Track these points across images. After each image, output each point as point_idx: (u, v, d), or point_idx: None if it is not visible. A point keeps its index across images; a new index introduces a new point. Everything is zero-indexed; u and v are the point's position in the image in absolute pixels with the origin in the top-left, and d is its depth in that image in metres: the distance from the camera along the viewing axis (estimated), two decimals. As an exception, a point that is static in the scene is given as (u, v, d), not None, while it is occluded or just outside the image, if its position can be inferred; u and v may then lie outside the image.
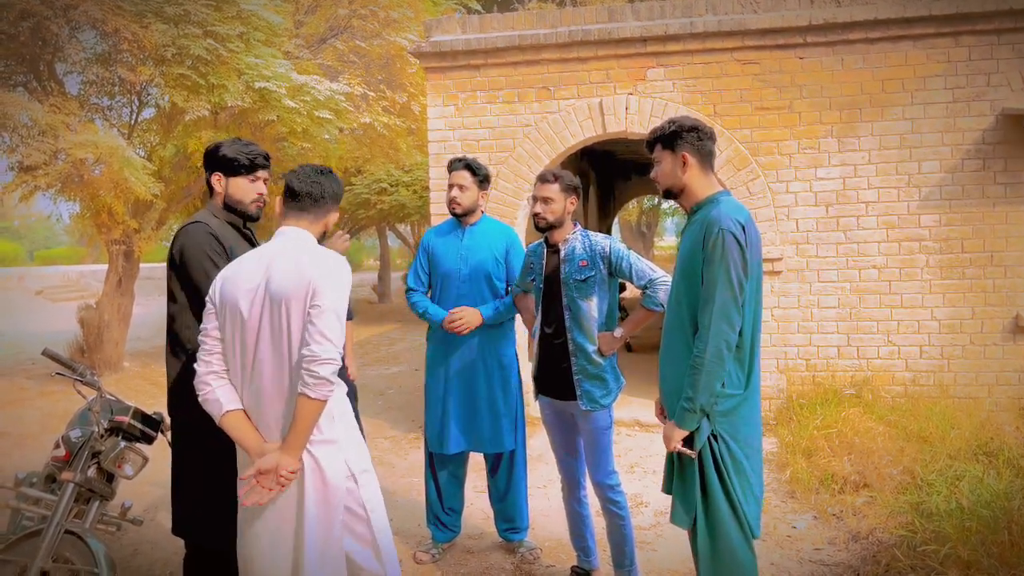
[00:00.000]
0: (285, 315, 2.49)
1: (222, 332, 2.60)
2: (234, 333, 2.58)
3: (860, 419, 5.79)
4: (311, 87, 9.65)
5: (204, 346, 2.61)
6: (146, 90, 10.11)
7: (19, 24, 8.68)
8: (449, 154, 7.42)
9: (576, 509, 3.85)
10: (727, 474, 2.71)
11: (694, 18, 6.91)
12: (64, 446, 3.37)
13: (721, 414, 2.71)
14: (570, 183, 3.63)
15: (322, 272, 2.50)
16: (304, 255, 2.55)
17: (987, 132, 6.55)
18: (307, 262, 2.52)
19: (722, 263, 2.63)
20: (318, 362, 2.41)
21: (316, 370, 2.41)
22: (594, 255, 3.54)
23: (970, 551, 3.57)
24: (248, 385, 2.59)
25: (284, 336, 2.51)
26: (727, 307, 2.64)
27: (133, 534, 4.58)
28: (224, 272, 2.64)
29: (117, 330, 10.44)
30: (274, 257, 2.57)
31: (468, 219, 4.26)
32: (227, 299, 2.58)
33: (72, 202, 10.01)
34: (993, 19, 6.45)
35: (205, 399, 2.58)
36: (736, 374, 2.72)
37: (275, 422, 2.58)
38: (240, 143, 3.10)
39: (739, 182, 6.92)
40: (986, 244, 6.58)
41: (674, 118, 2.89)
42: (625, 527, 3.63)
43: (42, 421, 7.84)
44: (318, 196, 2.70)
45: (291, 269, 2.51)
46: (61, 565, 3.02)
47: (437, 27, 7.50)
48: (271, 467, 2.48)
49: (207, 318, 2.62)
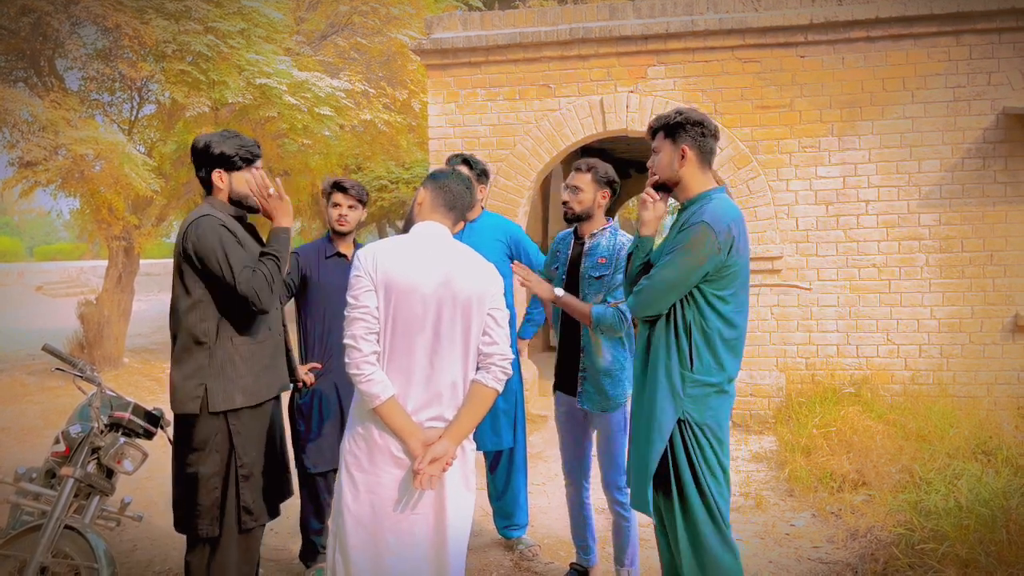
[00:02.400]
0: (464, 313, 2.58)
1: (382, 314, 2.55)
2: (396, 318, 2.54)
3: (859, 418, 5.79)
4: (312, 84, 9.64)
5: (365, 324, 2.52)
6: (147, 86, 10.10)
7: (20, 19, 8.67)
8: (450, 151, 7.42)
9: (579, 508, 3.83)
10: (697, 463, 2.69)
11: (695, 16, 6.91)
12: (64, 441, 3.37)
13: (690, 398, 2.69)
14: (604, 176, 3.55)
15: (497, 278, 2.69)
16: (475, 259, 2.69)
17: (987, 131, 6.55)
18: (483, 266, 2.67)
19: (690, 250, 2.63)
20: (508, 359, 2.63)
21: (505, 365, 2.62)
22: (614, 254, 3.47)
23: (968, 549, 3.58)
24: (400, 372, 2.56)
25: (459, 331, 2.58)
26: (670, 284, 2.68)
27: (132, 530, 4.59)
28: (391, 254, 2.58)
29: (117, 326, 10.43)
30: (454, 254, 2.63)
31: (468, 215, 4.24)
32: (398, 284, 2.53)
33: (72, 198, 10.00)
34: (994, 18, 6.45)
35: (371, 379, 2.49)
36: (710, 360, 2.71)
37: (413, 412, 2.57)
38: (230, 138, 3.07)
39: (739, 180, 6.92)
40: (986, 243, 6.58)
41: (682, 109, 2.84)
42: (629, 528, 3.62)
43: (42, 416, 7.84)
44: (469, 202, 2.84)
45: (477, 272, 2.63)
46: (61, 560, 3.02)
47: (438, 24, 7.50)
48: (443, 454, 2.51)
49: (366, 296, 2.53)
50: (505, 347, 2.65)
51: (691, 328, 2.70)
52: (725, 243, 2.63)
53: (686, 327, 2.71)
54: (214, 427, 2.93)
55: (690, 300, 2.70)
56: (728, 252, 2.64)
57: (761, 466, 5.79)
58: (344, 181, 3.94)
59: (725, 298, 2.70)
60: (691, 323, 2.70)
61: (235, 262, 2.89)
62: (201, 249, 2.90)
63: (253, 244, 3.10)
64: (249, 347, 3.00)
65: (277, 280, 2.95)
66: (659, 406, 2.71)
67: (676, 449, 2.71)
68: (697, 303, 2.70)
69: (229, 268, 2.88)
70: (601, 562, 3.98)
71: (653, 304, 2.73)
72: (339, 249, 3.97)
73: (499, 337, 2.65)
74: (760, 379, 6.88)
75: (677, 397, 2.69)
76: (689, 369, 2.70)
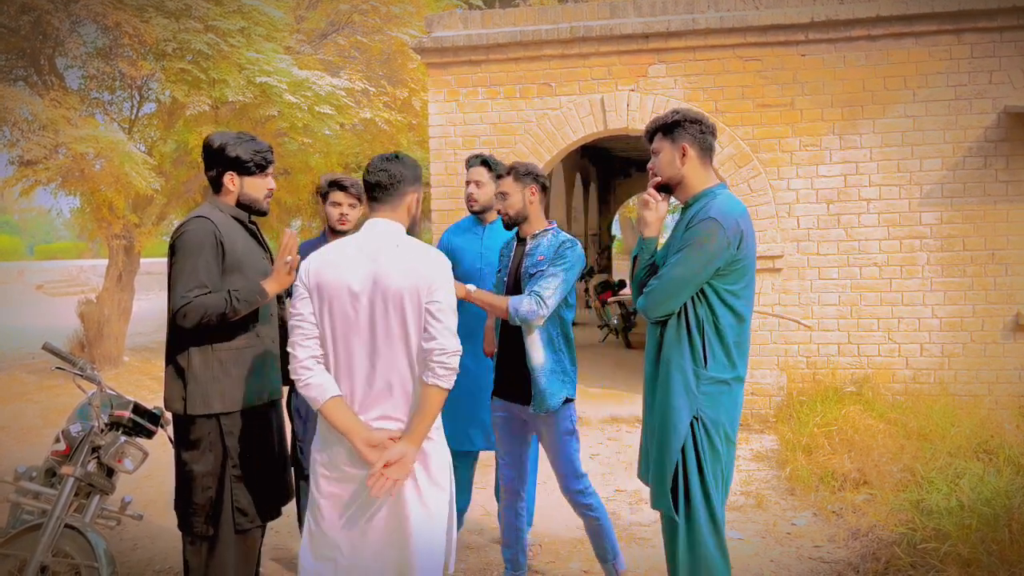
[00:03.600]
0: (398, 309, 2.52)
1: (319, 318, 2.57)
2: (333, 321, 2.55)
3: (860, 416, 5.78)
4: (312, 82, 9.63)
5: (301, 330, 2.57)
6: (147, 85, 10.10)
7: (20, 18, 8.68)
8: (450, 150, 7.41)
9: (512, 520, 3.68)
10: (704, 459, 2.70)
11: (696, 14, 6.90)
12: (64, 440, 3.36)
13: (705, 395, 2.70)
14: (524, 172, 3.47)
15: (435, 270, 2.57)
16: (411, 252, 2.58)
17: (989, 130, 6.54)
18: (418, 259, 2.56)
19: (700, 246, 2.63)
20: (448, 354, 2.51)
21: (447, 361, 2.51)
22: (551, 252, 3.41)
23: (970, 549, 3.57)
24: (343, 373, 2.57)
25: (396, 328, 2.53)
26: (682, 281, 2.67)
27: (133, 528, 4.59)
28: (323, 257, 2.60)
29: (117, 325, 10.43)
30: (379, 251, 2.57)
31: (487, 216, 4.19)
32: (328, 287, 2.55)
33: (73, 197, 10.00)
34: (996, 16, 6.44)
35: (308, 383, 2.53)
36: (723, 357, 2.71)
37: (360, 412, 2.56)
38: (247, 142, 3.07)
39: (740, 179, 6.91)
40: (987, 242, 6.57)
41: (678, 108, 2.85)
42: (603, 524, 3.53)
43: (41, 415, 7.84)
44: (387, 184, 2.67)
45: (404, 266, 2.54)
46: (61, 559, 3.02)
47: (438, 22, 7.49)
48: (399, 457, 2.47)
49: (301, 303, 2.57)
50: (445, 341, 2.52)
51: (703, 325, 2.70)
52: (734, 237, 2.64)
53: (698, 324, 2.71)
54: (207, 427, 2.94)
55: (701, 297, 2.70)
56: (738, 246, 2.65)
57: (762, 465, 5.78)
58: (344, 179, 3.93)
59: (736, 292, 2.70)
60: (703, 320, 2.70)
61: (190, 276, 2.86)
62: (179, 248, 2.92)
63: (251, 247, 3.10)
64: (230, 352, 2.98)
65: (213, 319, 2.87)
66: (673, 405, 2.71)
67: (686, 447, 2.71)
68: (708, 299, 2.70)
69: (183, 276, 2.86)
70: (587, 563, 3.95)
71: (665, 303, 2.72)
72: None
73: (437, 332, 2.53)
74: (761, 378, 6.87)
75: (691, 395, 2.70)
76: (703, 366, 2.70)
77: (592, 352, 10.99)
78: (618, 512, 4.93)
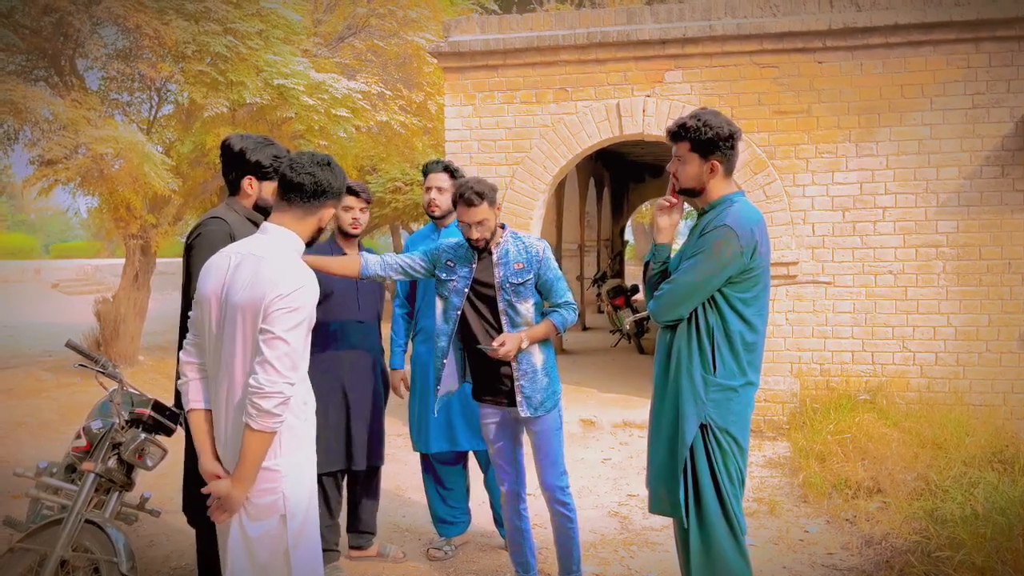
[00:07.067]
0: (241, 327, 2.38)
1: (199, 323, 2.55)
2: (206, 329, 2.52)
3: (874, 424, 5.77)
4: (329, 85, 9.68)
5: (189, 334, 2.60)
6: (166, 86, 10.19)
7: (42, 19, 8.76)
8: (466, 154, 7.44)
9: (517, 524, 3.70)
10: (717, 465, 2.71)
11: (713, 21, 6.91)
12: (85, 436, 3.40)
13: (713, 402, 2.71)
14: (493, 192, 3.42)
15: (277, 293, 2.32)
16: (267, 266, 2.37)
17: (1006, 139, 6.51)
18: (266, 276, 2.34)
19: (713, 253, 2.65)
20: (261, 394, 2.29)
21: (259, 403, 2.29)
22: (530, 258, 3.46)
23: (984, 558, 3.57)
24: (213, 385, 2.52)
25: (239, 343, 2.39)
26: (693, 287, 2.68)
27: (150, 525, 4.62)
28: (210, 259, 2.55)
29: (133, 324, 10.51)
30: (242, 259, 2.43)
31: (445, 220, 4.22)
32: (201, 291, 2.50)
33: (91, 196, 10.09)
34: (1014, 25, 6.42)
35: (180, 387, 2.59)
36: (732, 364, 2.72)
37: (222, 432, 2.50)
38: (266, 146, 3.10)
39: (756, 185, 6.91)
40: (1004, 251, 6.54)
41: (708, 120, 2.73)
42: (572, 529, 3.59)
43: (58, 412, 7.90)
44: (310, 191, 2.47)
45: (249, 280, 2.37)
46: (81, 554, 3.05)
47: (455, 27, 7.53)
48: (221, 495, 2.40)
49: (193, 306, 2.60)
50: (264, 378, 2.27)
51: (713, 331, 2.71)
52: (748, 246, 2.64)
53: (708, 331, 2.72)
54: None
55: (712, 304, 2.71)
56: (751, 255, 2.66)
57: (775, 472, 5.77)
58: (355, 184, 3.93)
59: (747, 301, 2.71)
60: (713, 327, 2.71)
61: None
62: (195, 248, 2.96)
63: None
64: None
65: None
66: (682, 411, 2.73)
67: (696, 453, 2.72)
68: (719, 307, 2.71)
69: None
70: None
71: (675, 308, 2.74)
72: (346, 251, 4.00)
73: (258, 364, 2.29)
74: (774, 385, 6.86)
75: (700, 401, 2.71)
76: (712, 373, 2.71)
77: (604, 357, 10.99)
78: (630, 516, 4.93)
